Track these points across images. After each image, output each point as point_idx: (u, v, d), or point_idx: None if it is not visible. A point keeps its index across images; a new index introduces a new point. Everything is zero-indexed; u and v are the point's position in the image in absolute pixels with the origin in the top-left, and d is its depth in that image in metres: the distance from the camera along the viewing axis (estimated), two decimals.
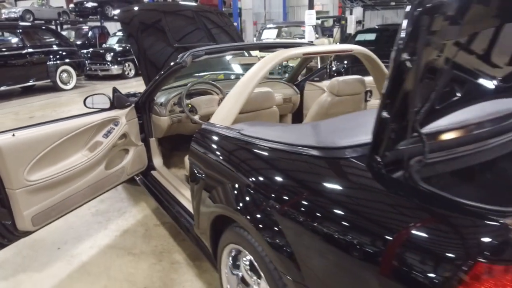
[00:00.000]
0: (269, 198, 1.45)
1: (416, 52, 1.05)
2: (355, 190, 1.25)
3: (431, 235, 1.02)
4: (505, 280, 0.91)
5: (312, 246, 1.26)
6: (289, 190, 1.39)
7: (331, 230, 1.19)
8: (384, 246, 1.06)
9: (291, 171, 1.44)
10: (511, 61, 1.52)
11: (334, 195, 1.26)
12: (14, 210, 2.18)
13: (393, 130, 1.20)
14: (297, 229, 1.31)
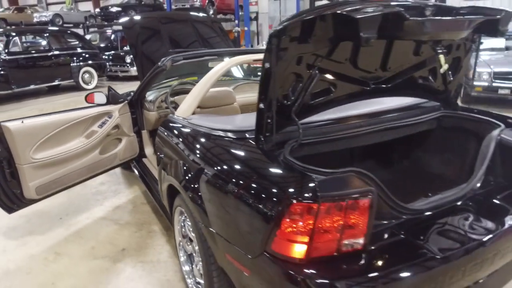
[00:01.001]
0: (192, 166, 1.96)
1: (272, 62, 1.53)
2: (244, 159, 1.74)
3: (273, 183, 1.50)
4: (309, 214, 1.37)
5: (213, 198, 1.76)
6: (205, 160, 1.89)
7: (225, 184, 1.68)
8: (248, 193, 1.55)
9: (209, 147, 1.95)
10: (382, 67, 1.96)
11: (230, 162, 1.75)
12: (21, 181, 2.76)
13: (268, 117, 1.68)
14: (206, 187, 1.81)
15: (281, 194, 1.43)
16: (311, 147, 1.91)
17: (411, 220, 1.64)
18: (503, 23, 1.81)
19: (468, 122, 2.25)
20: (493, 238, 1.60)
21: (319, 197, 1.37)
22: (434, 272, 1.44)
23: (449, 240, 1.58)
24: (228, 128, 1.95)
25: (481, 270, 1.60)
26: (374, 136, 2.11)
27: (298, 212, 1.38)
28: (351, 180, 1.46)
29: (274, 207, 1.42)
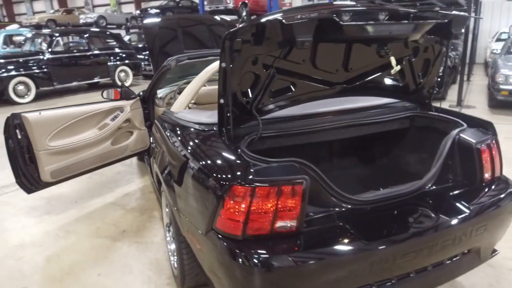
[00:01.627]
0: (168, 154, 2.20)
1: (227, 62, 1.73)
2: (205, 148, 1.94)
3: (223, 170, 1.69)
4: (245, 197, 1.56)
5: (178, 181, 1.99)
6: (177, 149, 2.12)
7: (187, 169, 1.90)
8: (202, 177, 1.76)
9: (182, 138, 2.18)
10: (344, 68, 2.10)
11: (194, 150, 1.97)
12: (38, 166, 3.12)
13: (228, 112, 1.88)
14: (174, 171, 2.05)
15: (226, 178, 1.63)
16: (273, 140, 2.09)
17: (354, 209, 1.78)
18: (456, 27, 1.90)
19: (437, 122, 2.33)
20: (427, 231, 1.70)
21: (254, 182, 1.55)
22: (358, 255, 1.58)
23: (381, 230, 1.71)
24: (201, 121, 2.17)
25: (417, 259, 1.71)
26: (336, 133, 2.25)
27: (237, 194, 1.58)
28: (289, 168, 1.63)
29: (219, 189, 1.63)
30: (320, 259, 1.56)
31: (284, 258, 1.54)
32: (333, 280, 1.59)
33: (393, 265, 1.67)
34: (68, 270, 2.66)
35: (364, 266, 1.61)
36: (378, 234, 1.66)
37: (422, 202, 1.88)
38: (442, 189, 1.96)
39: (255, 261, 1.52)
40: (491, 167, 2.04)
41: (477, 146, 1.97)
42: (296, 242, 1.60)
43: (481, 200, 1.91)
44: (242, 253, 1.54)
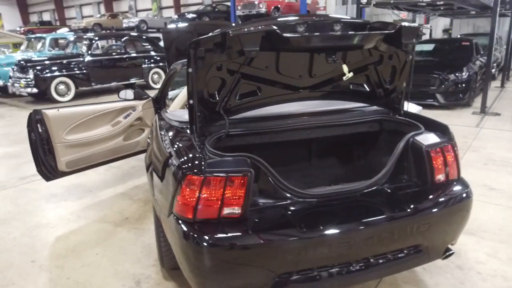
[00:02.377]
0: (153, 146, 2.48)
1: (192, 68, 1.98)
2: (177, 143, 2.20)
3: (184, 161, 1.93)
4: (196, 185, 1.80)
5: (154, 170, 2.26)
6: (157, 142, 2.40)
7: (160, 160, 2.17)
8: (169, 167, 2.01)
9: (163, 133, 2.45)
10: (308, 74, 2.28)
11: (168, 144, 2.23)
12: (56, 156, 3.53)
13: (197, 111, 2.12)
14: (152, 162, 2.32)
15: (184, 168, 1.88)
16: (241, 138, 2.31)
17: (302, 202, 1.97)
18: (406, 38, 2.03)
19: (403, 125, 2.45)
20: (362, 225, 1.86)
21: (204, 172, 1.79)
22: (292, 241, 1.77)
23: (319, 220, 1.88)
24: (182, 119, 2.43)
25: (354, 250, 1.87)
26: (301, 133, 2.43)
27: (191, 182, 1.82)
28: (238, 162, 1.85)
29: (178, 178, 1.88)
30: (259, 242, 1.77)
31: (227, 240, 1.76)
32: (273, 261, 1.79)
33: (330, 253, 1.83)
34: (72, 249, 3.02)
35: (299, 251, 1.79)
36: (314, 224, 1.84)
37: (368, 199, 2.03)
38: (392, 188, 2.10)
39: (202, 242, 1.75)
40: (444, 170, 2.14)
41: (427, 149, 2.09)
42: (239, 227, 1.81)
43: (425, 201, 2.03)
44: (192, 234, 1.78)
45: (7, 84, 10.57)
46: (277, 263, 1.80)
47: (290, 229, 1.80)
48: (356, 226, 1.86)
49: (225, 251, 1.76)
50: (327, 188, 2.08)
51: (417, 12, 11.29)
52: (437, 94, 7.75)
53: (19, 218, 3.59)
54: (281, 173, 2.47)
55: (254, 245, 1.76)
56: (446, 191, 2.11)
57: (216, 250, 1.76)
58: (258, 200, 1.97)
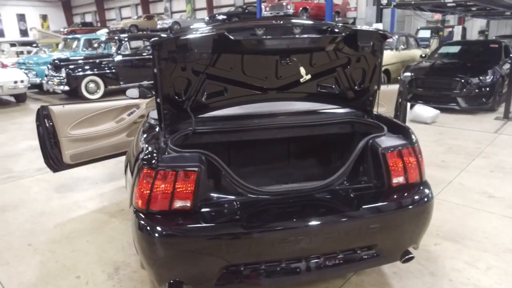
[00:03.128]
0: (133, 142, 2.64)
1: (157, 68, 2.11)
2: (149, 138, 2.33)
3: (146, 156, 2.06)
4: (150, 178, 1.92)
5: (129, 163, 2.41)
6: (136, 139, 2.55)
7: (130, 154, 2.32)
8: (135, 161, 2.16)
9: (140, 129, 2.60)
10: (274, 75, 2.35)
11: (140, 140, 2.38)
12: (61, 150, 3.79)
13: (165, 109, 2.26)
14: (129, 158, 2.47)
15: (142, 163, 2.01)
16: (209, 136, 2.42)
17: (255, 198, 2.04)
18: (361, 41, 2.05)
19: (370, 128, 2.46)
20: (308, 223, 1.91)
21: (157, 166, 1.92)
22: (236, 236, 1.85)
23: (266, 217, 1.95)
24: (156, 117, 2.58)
25: (299, 246, 1.92)
26: (268, 133, 2.50)
27: (146, 176, 1.95)
28: (191, 158, 1.96)
29: (137, 171, 2.01)
30: (205, 235, 1.87)
31: (176, 231, 1.87)
32: (219, 254, 1.88)
33: (275, 249, 1.90)
34: (67, 235, 3.25)
35: (243, 245, 1.87)
36: (259, 220, 1.91)
37: (321, 199, 2.07)
38: (347, 189, 2.12)
39: (153, 232, 1.87)
40: (403, 173, 2.14)
41: (383, 151, 2.10)
42: (189, 219, 1.92)
43: (377, 202, 2.05)
44: (145, 225, 1.91)
45: (43, 81, 11.26)
46: (223, 256, 1.89)
47: (235, 223, 1.89)
48: (302, 224, 1.92)
49: (173, 242, 1.87)
50: (283, 186, 2.15)
51: (444, 13, 10.91)
52: (458, 98, 7.48)
53: (27, 205, 3.89)
54: (257, 172, 2.56)
55: (200, 237, 1.86)
56: (402, 194, 2.11)
57: (165, 240, 1.87)
58: (212, 195, 2.06)
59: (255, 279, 1.97)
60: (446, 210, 3.53)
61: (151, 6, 29.92)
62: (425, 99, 7.73)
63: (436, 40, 11.72)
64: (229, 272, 1.94)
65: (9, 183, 4.53)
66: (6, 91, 9.76)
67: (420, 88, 7.94)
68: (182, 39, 1.89)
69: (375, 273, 2.61)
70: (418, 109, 6.93)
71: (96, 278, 2.65)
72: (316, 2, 16.62)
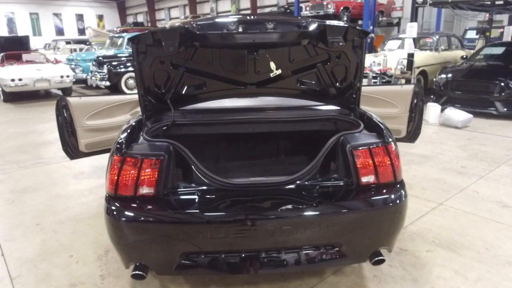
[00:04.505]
0: None
1: (136, 61, 2.22)
2: (131, 129, 2.45)
3: (121, 144, 2.17)
4: (119, 164, 2.03)
5: None
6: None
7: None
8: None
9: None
10: (253, 70, 2.37)
11: (124, 130, 2.49)
12: (77, 138, 4.06)
13: (145, 101, 2.37)
14: None
15: (114, 150, 2.12)
16: (189, 127, 2.49)
17: (221, 189, 2.08)
18: (331, 35, 2.02)
19: (351, 125, 2.40)
20: (264, 215, 1.92)
21: (124, 153, 2.02)
22: (193, 223, 1.91)
23: (226, 209, 1.98)
24: None
25: (258, 240, 1.94)
26: (247, 127, 2.52)
27: (115, 162, 2.06)
28: (158, 147, 2.04)
29: (109, 158, 2.13)
30: (164, 221, 1.94)
31: (138, 216, 1.97)
32: (178, 240, 1.95)
33: (231, 240, 1.93)
34: (72, 218, 3.48)
35: (201, 233, 1.92)
36: (218, 211, 1.95)
37: (285, 193, 2.07)
38: (315, 185, 2.10)
39: (119, 216, 1.98)
40: (373, 171, 2.08)
41: (351, 149, 2.05)
42: (151, 205, 2.00)
43: (342, 200, 2.01)
44: (111, 208, 2.02)
45: (87, 77, 12.00)
46: (182, 243, 1.95)
47: (193, 212, 1.94)
48: (258, 216, 1.93)
49: (135, 226, 1.97)
50: (250, 180, 2.17)
51: (491, 12, 10.21)
52: (496, 102, 7.00)
53: (46, 188, 4.20)
54: (242, 167, 2.60)
55: (160, 223, 1.94)
56: (371, 194, 2.06)
57: (128, 224, 1.97)
58: (180, 184, 2.13)
59: (213, 267, 2.02)
60: (450, 217, 3.35)
61: (198, 7, 30.72)
62: (461, 102, 7.32)
63: (482, 41, 11.00)
64: (188, 259, 2.00)
65: (37, 168, 4.91)
66: (53, 85, 10.54)
67: (456, 91, 7.53)
68: (154, 33, 1.97)
69: (354, 275, 2.55)
70: (449, 113, 6.59)
71: (87, 258, 2.83)
72: (358, 1, 16.22)
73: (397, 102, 3.71)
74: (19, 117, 8.43)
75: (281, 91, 2.50)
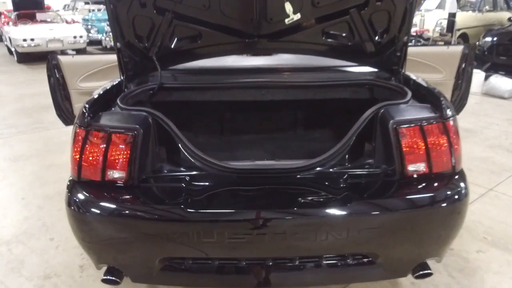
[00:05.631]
0: None
1: (111, 2, 1.67)
2: (104, 92, 1.93)
3: (88, 112, 1.67)
4: (82, 138, 1.54)
5: None
6: None
7: None
8: None
9: None
10: (263, 17, 1.78)
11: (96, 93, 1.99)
12: (72, 103, 3.61)
13: (125, 56, 1.84)
14: None
15: (76, 119, 1.63)
16: (181, 92, 1.96)
17: (216, 176, 1.58)
18: None
19: (393, 93, 1.81)
20: (271, 215, 1.41)
21: (88, 125, 1.52)
22: (177, 222, 1.42)
23: (221, 203, 1.48)
24: None
25: (261, 246, 1.44)
26: (254, 93, 1.96)
27: (77, 135, 1.57)
28: (131, 117, 1.54)
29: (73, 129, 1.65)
30: (138, 217, 1.46)
31: (104, 207, 1.49)
32: (158, 241, 1.47)
33: (226, 244, 1.44)
34: (61, 192, 2.85)
35: (185, 236, 1.44)
36: (209, 206, 1.45)
37: (302, 183, 1.54)
38: (343, 174, 1.56)
39: (77, 205, 1.52)
40: (425, 158, 1.51)
41: (394, 126, 1.48)
42: (122, 194, 1.52)
43: (380, 197, 1.47)
44: (71, 196, 1.55)
45: (102, 38, 11.51)
46: (162, 246, 1.48)
47: (177, 206, 1.45)
48: (264, 216, 1.42)
49: (101, 221, 1.50)
50: (256, 163, 1.64)
51: None
52: None
53: (41, 156, 3.83)
54: (251, 144, 2.08)
55: (132, 219, 1.46)
56: (420, 188, 1.50)
57: (92, 219, 1.50)
58: (163, 166, 1.64)
59: (203, 279, 1.55)
60: (503, 206, 2.76)
61: None
62: (508, 69, 6.46)
63: None
64: (171, 266, 1.54)
65: (35, 133, 4.55)
66: (66, 46, 10.09)
67: (502, 56, 6.66)
68: None
69: (387, 281, 2.05)
70: (494, 81, 5.79)
71: (68, 243, 2.42)
72: None
73: (441, 66, 3.08)
74: (30, 78, 8.11)
75: (300, 46, 1.90)
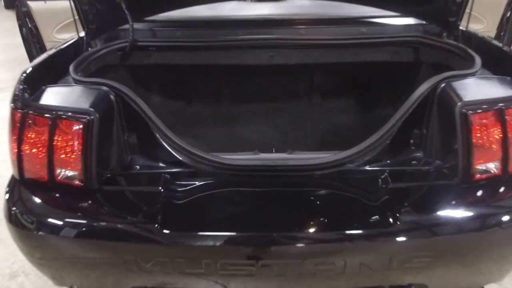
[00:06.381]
0: None
1: None
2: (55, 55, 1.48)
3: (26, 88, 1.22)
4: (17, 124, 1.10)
5: None
6: None
7: None
8: None
9: None
10: None
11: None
12: None
13: (82, 3, 1.36)
14: None
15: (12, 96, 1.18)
16: (161, 54, 1.47)
17: (207, 174, 1.15)
18: None
19: (450, 57, 1.32)
20: (284, 243, 1.00)
21: (25, 106, 1.08)
22: (151, 243, 1.02)
23: (211, 215, 1.07)
24: None
25: (258, 279, 1.05)
26: (260, 54, 1.46)
27: (14, 120, 1.13)
28: (82, 95, 1.09)
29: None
30: (97, 233, 1.06)
31: (50, 219, 1.09)
32: (126, 266, 1.08)
33: (218, 271, 1.05)
34: None
35: (162, 260, 1.04)
36: (192, 222, 1.04)
37: (324, 186, 1.11)
38: (381, 173, 1.11)
39: (15, 215, 1.11)
40: (500, 154, 1.06)
41: (464, 110, 1.01)
42: (76, 200, 1.10)
43: (439, 210, 1.04)
44: (6, 197, 1.15)
45: None
46: (133, 272, 1.09)
47: (148, 223, 1.03)
48: (268, 235, 1.01)
49: (49, 238, 1.10)
50: (262, 156, 1.19)
51: None
52: None
53: None
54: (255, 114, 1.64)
55: (90, 237, 1.06)
56: (491, 197, 1.07)
57: (37, 235, 1.10)
58: (134, 160, 1.21)
59: None
60: None
61: None
62: None
63: None
64: None
65: None
66: None
67: None
68: None
69: None
70: None
71: None
72: None
73: (482, 14, 2.81)
74: (17, 26, 7.49)
75: None
